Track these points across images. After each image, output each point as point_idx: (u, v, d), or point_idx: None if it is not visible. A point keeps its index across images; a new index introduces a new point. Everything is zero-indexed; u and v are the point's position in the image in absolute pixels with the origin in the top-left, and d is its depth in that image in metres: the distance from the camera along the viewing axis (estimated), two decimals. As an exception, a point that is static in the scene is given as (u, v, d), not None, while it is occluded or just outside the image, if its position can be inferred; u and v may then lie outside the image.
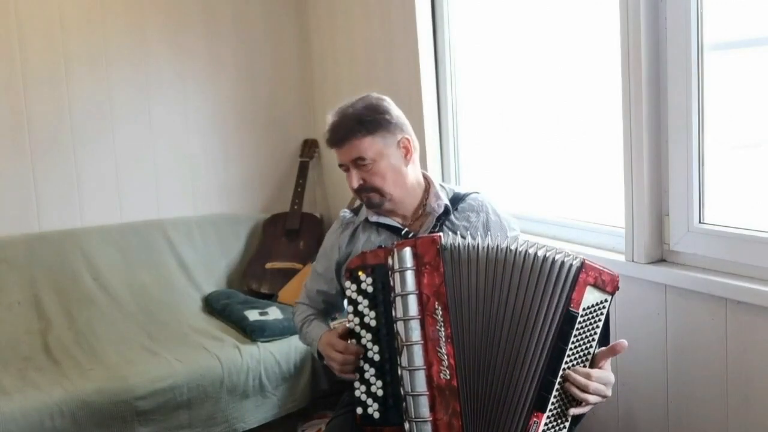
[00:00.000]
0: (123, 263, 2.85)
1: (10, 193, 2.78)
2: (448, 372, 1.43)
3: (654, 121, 1.74)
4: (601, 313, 1.44)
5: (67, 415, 2.07)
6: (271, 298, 2.88)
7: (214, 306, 2.80)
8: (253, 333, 2.49)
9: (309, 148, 3.32)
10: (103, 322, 2.61)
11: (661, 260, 1.79)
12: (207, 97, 3.15)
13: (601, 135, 2.04)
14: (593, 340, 1.44)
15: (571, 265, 1.43)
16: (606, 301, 1.45)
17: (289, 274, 2.97)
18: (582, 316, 1.42)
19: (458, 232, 1.67)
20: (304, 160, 3.29)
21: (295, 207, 3.18)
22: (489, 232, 1.72)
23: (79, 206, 2.91)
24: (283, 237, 3.11)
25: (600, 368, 1.45)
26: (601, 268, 1.45)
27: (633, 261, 1.81)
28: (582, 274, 1.42)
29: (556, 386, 1.41)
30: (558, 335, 1.41)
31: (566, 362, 1.42)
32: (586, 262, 1.44)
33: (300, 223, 3.15)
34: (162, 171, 3.06)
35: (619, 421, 1.93)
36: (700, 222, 1.71)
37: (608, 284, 1.44)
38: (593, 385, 1.41)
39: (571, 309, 1.41)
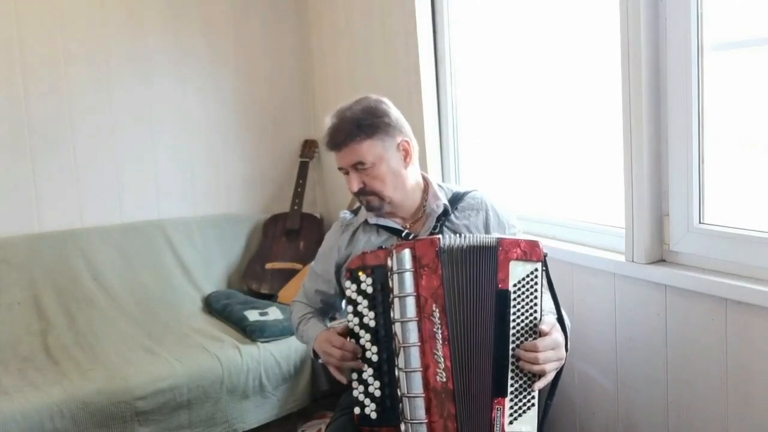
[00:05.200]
0: (123, 263, 2.85)
1: (10, 193, 2.78)
2: (444, 374, 1.44)
3: (654, 121, 1.74)
4: (536, 283, 1.46)
5: (66, 416, 2.07)
6: (271, 298, 2.89)
7: (214, 306, 2.80)
8: (253, 333, 2.49)
9: (309, 148, 3.32)
10: (103, 322, 2.61)
11: (661, 260, 1.79)
12: (207, 97, 3.15)
13: (601, 135, 2.03)
14: (535, 311, 1.46)
15: (488, 246, 1.46)
16: (536, 270, 1.46)
17: (289, 275, 2.97)
18: (515, 291, 1.44)
19: (458, 233, 1.67)
20: (304, 160, 3.29)
21: (295, 207, 3.18)
22: (489, 231, 1.72)
23: (79, 206, 2.91)
24: (283, 237, 3.11)
25: (545, 335, 1.46)
26: (519, 240, 1.48)
27: (633, 261, 1.80)
28: (500, 253, 1.45)
29: (510, 366, 1.43)
30: (497, 317, 1.44)
31: (513, 341, 1.44)
32: (501, 239, 1.47)
33: (300, 224, 3.15)
34: (162, 171, 3.07)
35: (619, 421, 1.93)
36: (700, 222, 1.71)
37: (531, 254, 1.46)
38: (542, 355, 1.43)
39: (500, 289, 1.44)
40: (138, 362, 2.31)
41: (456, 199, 1.76)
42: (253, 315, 2.61)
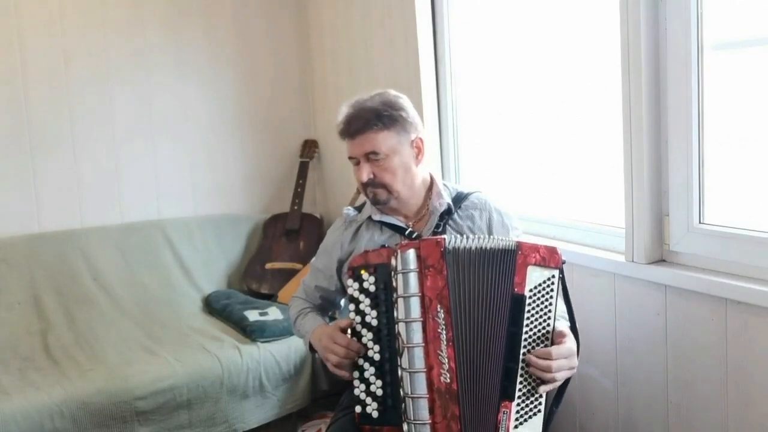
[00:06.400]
0: (123, 263, 2.85)
1: (10, 193, 2.78)
2: (448, 375, 1.43)
3: (654, 121, 1.74)
4: (551, 290, 1.46)
5: (66, 416, 2.07)
6: (271, 298, 2.88)
7: (214, 306, 2.80)
8: (253, 333, 2.49)
9: (309, 148, 3.32)
10: (103, 323, 2.61)
11: (661, 260, 1.79)
12: (207, 97, 3.15)
13: (601, 135, 2.03)
14: (549, 318, 1.46)
15: (507, 250, 1.46)
16: (554, 277, 1.46)
17: (289, 275, 2.97)
18: (530, 297, 1.44)
19: (462, 233, 1.67)
20: (304, 160, 3.29)
21: (295, 207, 3.18)
22: (492, 232, 1.72)
23: (79, 206, 2.91)
24: (283, 237, 3.11)
25: (560, 343, 1.45)
26: (539, 245, 1.47)
27: (633, 261, 1.80)
28: (519, 257, 1.44)
29: (520, 371, 1.42)
30: (510, 321, 1.43)
31: (524, 345, 1.44)
32: (521, 243, 1.46)
33: (300, 224, 3.15)
34: (162, 171, 3.06)
35: (619, 421, 1.93)
36: (700, 222, 1.71)
37: (550, 260, 1.46)
38: (555, 364, 1.43)
39: (516, 293, 1.43)
40: (138, 362, 2.31)
41: (459, 199, 1.76)
42: (253, 315, 2.61)
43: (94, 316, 2.64)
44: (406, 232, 1.71)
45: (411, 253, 1.47)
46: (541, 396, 1.45)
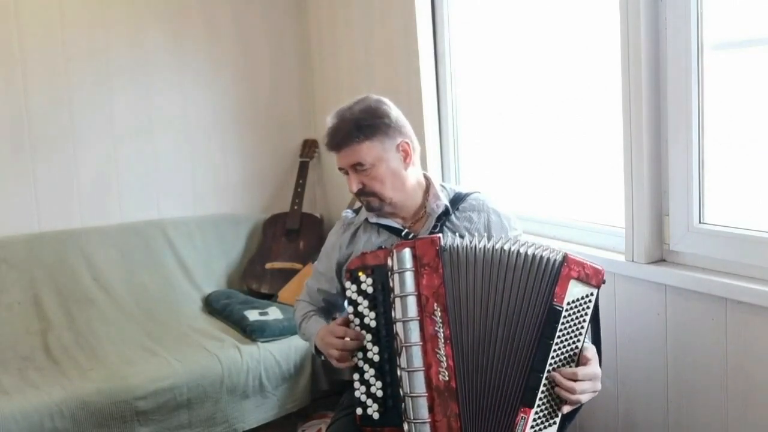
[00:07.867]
0: (123, 263, 2.85)
1: (10, 193, 2.78)
2: (446, 373, 1.43)
3: (654, 121, 1.74)
4: (588, 307, 1.45)
5: (66, 415, 2.07)
6: (271, 298, 2.89)
7: (214, 306, 2.80)
8: (253, 333, 2.49)
9: (309, 148, 3.32)
10: (103, 322, 2.61)
11: (661, 260, 1.79)
12: (207, 97, 3.15)
13: (601, 135, 2.04)
14: (580, 334, 1.45)
15: (553, 260, 1.44)
16: (592, 294, 1.45)
17: (289, 275, 2.97)
18: (567, 310, 1.42)
19: (458, 233, 1.67)
20: (304, 160, 3.29)
21: (295, 207, 3.18)
22: (490, 233, 1.72)
23: (79, 206, 2.91)
24: (283, 237, 3.11)
25: (586, 364, 1.44)
26: (585, 261, 1.45)
27: (633, 261, 1.81)
28: (564, 269, 1.43)
29: (544, 382, 1.41)
30: (543, 330, 1.42)
31: (553, 357, 1.42)
32: (568, 256, 1.45)
33: (300, 224, 3.15)
34: (162, 171, 3.06)
35: (619, 421, 1.93)
36: (700, 222, 1.71)
37: (592, 278, 1.44)
38: (579, 386, 1.41)
39: (554, 303, 1.42)
40: (138, 362, 2.31)
41: (457, 200, 1.75)
42: (253, 315, 2.61)
43: (94, 316, 2.64)
44: (403, 233, 1.71)
45: (407, 253, 1.48)
46: (559, 409, 1.44)
